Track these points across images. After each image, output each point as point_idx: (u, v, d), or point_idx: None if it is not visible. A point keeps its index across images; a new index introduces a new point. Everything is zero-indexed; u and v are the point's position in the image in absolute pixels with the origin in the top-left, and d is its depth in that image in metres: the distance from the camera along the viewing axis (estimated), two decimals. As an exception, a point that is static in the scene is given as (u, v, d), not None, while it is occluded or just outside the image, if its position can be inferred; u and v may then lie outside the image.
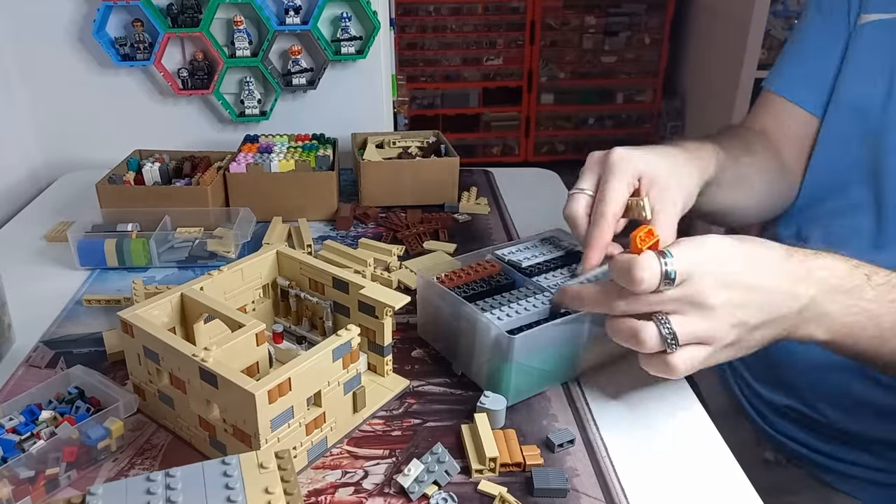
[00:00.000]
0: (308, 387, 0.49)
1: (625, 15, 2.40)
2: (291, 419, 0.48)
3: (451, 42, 2.41)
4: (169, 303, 0.56)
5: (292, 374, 0.47)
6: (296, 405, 0.48)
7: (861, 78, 0.73)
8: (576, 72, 2.46)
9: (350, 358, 0.52)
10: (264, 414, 0.46)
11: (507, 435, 0.53)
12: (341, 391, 0.52)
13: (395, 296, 0.56)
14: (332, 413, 0.52)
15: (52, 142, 1.09)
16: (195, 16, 1.00)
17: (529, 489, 0.48)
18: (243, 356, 0.52)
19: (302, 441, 0.50)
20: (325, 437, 0.52)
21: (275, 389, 0.46)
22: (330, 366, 0.50)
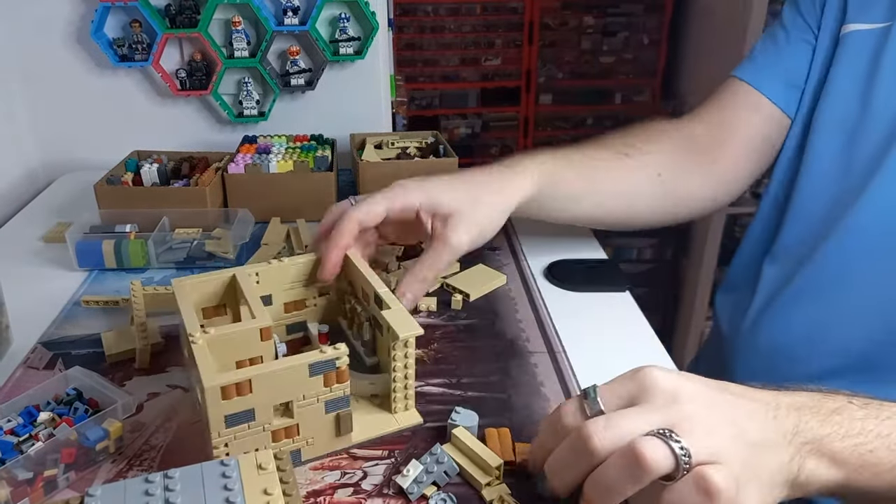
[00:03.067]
0: (275, 394, 0.47)
1: (623, 15, 2.40)
2: (252, 421, 0.47)
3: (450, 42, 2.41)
4: (221, 280, 0.57)
5: (254, 376, 0.46)
6: (258, 408, 0.47)
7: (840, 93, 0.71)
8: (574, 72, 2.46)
9: (336, 377, 0.49)
10: (216, 408, 0.45)
11: (501, 433, 0.52)
12: (321, 409, 0.50)
13: (411, 325, 0.52)
14: (309, 429, 0.50)
15: (50, 143, 1.09)
16: (193, 16, 1.00)
17: (532, 494, 0.48)
18: (244, 348, 0.51)
19: (266, 445, 0.48)
20: (299, 450, 0.50)
21: (231, 387, 0.45)
22: (306, 379, 0.48)
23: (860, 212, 0.67)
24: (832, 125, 0.71)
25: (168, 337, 0.65)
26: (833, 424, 0.43)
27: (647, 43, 2.44)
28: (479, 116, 2.52)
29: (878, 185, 0.66)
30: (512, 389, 0.59)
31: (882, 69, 0.67)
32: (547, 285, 0.76)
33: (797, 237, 0.74)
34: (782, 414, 0.43)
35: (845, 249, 0.68)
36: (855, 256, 0.68)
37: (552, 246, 0.83)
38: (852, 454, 0.43)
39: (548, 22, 2.40)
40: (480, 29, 2.41)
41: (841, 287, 0.69)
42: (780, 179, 0.78)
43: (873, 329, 0.67)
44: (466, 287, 0.73)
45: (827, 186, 0.71)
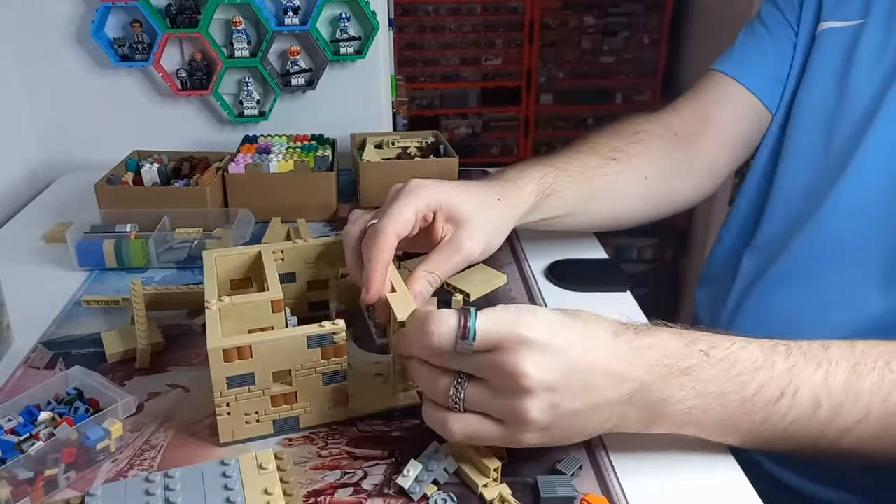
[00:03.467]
0: (274, 362, 0.50)
1: (623, 15, 2.40)
2: (253, 385, 0.50)
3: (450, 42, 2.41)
4: (248, 255, 0.61)
5: (254, 343, 0.49)
6: (258, 374, 0.50)
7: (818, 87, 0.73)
8: (574, 72, 2.46)
9: (333, 352, 0.52)
10: (219, 369, 0.49)
11: None
12: (319, 380, 0.52)
13: (410, 305, 0.53)
14: (307, 397, 0.53)
15: (50, 142, 1.09)
16: (194, 16, 1.00)
17: (535, 497, 0.48)
18: (256, 318, 0.55)
19: (266, 410, 0.52)
20: (297, 417, 0.53)
21: (232, 350, 0.49)
22: (304, 350, 0.51)
23: (834, 201, 0.68)
24: (810, 119, 0.73)
25: (168, 337, 0.65)
26: (675, 388, 0.47)
27: (647, 43, 2.44)
28: (479, 116, 2.53)
29: (851, 172, 0.67)
30: (512, 389, 0.59)
31: (856, 64, 0.70)
32: (547, 285, 0.76)
33: (775, 228, 0.75)
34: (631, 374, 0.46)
35: (819, 237, 0.69)
36: (828, 244, 0.69)
37: (553, 246, 0.83)
38: (682, 415, 0.48)
39: (548, 22, 2.40)
40: (481, 29, 2.41)
41: (815, 275, 0.70)
42: (759, 173, 0.80)
43: (848, 317, 0.67)
44: (467, 287, 0.73)
45: (804, 176, 0.73)
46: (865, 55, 0.69)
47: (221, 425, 0.51)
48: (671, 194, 0.81)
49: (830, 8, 0.74)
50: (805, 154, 0.73)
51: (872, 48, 0.69)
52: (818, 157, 0.72)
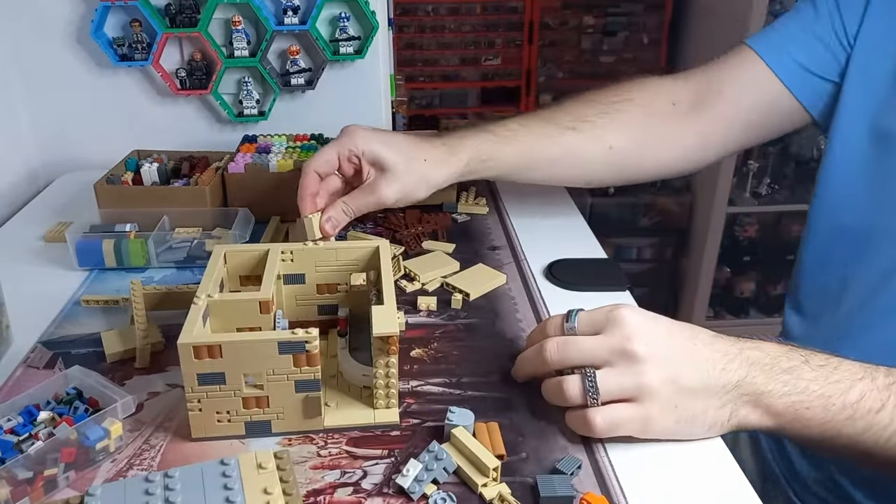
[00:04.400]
0: (245, 364, 0.50)
1: (623, 15, 2.40)
2: (224, 384, 0.50)
3: (450, 42, 2.41)
4: (257, 252, 0.62)
5: (224, 343, 0.49)
6: (229, 374, 0.50)
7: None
8: (574, 72, 2.46)
9: (306, 360, 0.51)
10: (189, 365, 0.49)
11: (490, 428, 0.53)
12: (291, 387, 0.52)
13: (390, 323, 0.53)
14: (279, 403, 0.52)
15: (50, 142, 1.09)
16: (193, 16, 1.00)
17: (535, 497, 0.48)
18: (244, 317, 0.55)
19: (238, 411, 0.52)
20: (269, 422, 0.53)
21: (202, 347, 0.49)
22: (275, 356, 0.50)
23: None
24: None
25: (168, 336, 0.65)
26: (778, 382, 0.49)
27: (647, 43, 2.44)
28: (479, 116, 2.52)
29: None
30: (512, 389, 0.59)
31: None
32: (547, 285, 0.76)
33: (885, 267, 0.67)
34: (733, 367, 0.50)
35: None
36: None
37: (552, 245, 0.83)
38: (787, 409, 0.49)
39: (548, 21, 2.40)
40: (480, 28, 2.41)
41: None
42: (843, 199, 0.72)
43: None
44: (466, 286, 0.73)
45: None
46: None
47: (193, 420, 0.52)
48: (643, 163, 0.82)
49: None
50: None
51: None
52: None
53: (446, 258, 0.79)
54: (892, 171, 0.67)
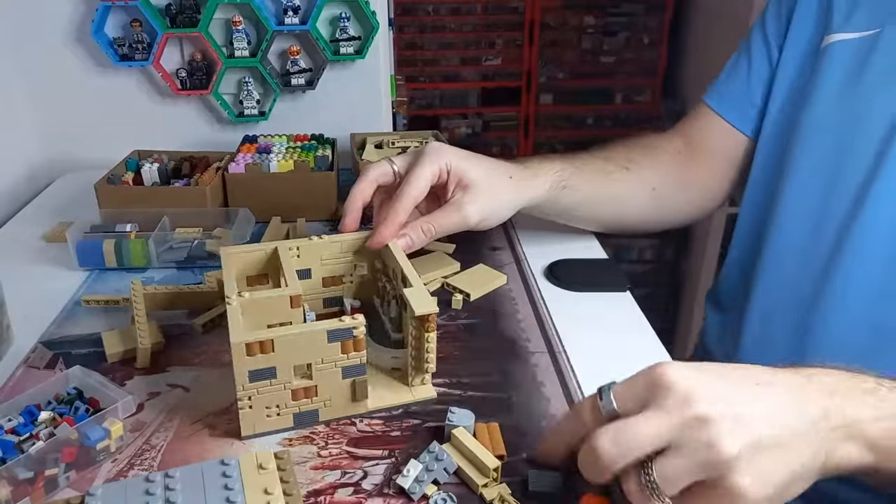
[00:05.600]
0: (295, 356, 0.51)
1: (624, 15, 2.40)
2: (274, 379, 0.51)
3: (450, 42, 2.41)
4: (264, 252, 0.62)
5: (275, 337, 0.50)
6: (280, 368, 0.51)
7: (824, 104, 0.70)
8: (575, 72, 2.46)
9: (353, 346, 0.52)
10: (241, 363, 0.49)
11: (491, 428, 0.53)
12: (338, 374, 0.53)
13: (427, 302, 0.54)
14: (327, 391, 0.53)
15: (50, 142, 1.09)
16: (194, 16, 1.00)
17: (524, 490, 0.48)
18: (275, 313, 0.55)
19: (287, 403, 0.52)
20: (317, 410, 0.54)
21: (255, 344, 0.49)
22: (324, 345, 0.51)
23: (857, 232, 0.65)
24: (818, 134, 0.70)
25: (168, 337, 0.65)
26: (867, 407, 0.42)
27: (647, 43, 2.44)
28: (479, 116, 2.52)
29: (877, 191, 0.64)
30: (512, 389, 0.59)
31: (870, 75, 0.67)
32: (547, 285, 0.76)
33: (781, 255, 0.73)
34: (812, 398, 0.42)
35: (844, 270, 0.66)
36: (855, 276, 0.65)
37: (553, 246, 0.83)
38: (884, 436, 0.42)
39: (548, 22, 2.40)
40: (481, 29, 2.41)
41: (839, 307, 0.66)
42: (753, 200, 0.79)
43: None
44: (467, 287, 0.73)
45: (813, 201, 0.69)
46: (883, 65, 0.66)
47: (243, 419, 0.52)
48: (676, 207, 0.84)
49: (841, 20, 0.70)
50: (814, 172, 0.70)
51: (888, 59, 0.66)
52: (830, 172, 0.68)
53: (447, 258, 0.79)
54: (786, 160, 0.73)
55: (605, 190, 0.78)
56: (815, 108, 0.71)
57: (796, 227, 0.71)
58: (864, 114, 0.67)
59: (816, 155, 0.70)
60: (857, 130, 0.67)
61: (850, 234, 0.65)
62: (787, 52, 0.76)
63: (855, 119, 0.67)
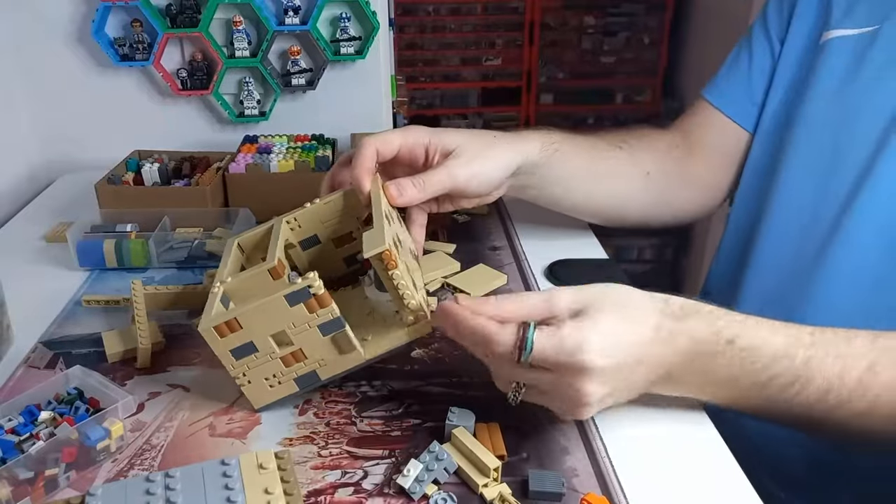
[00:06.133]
0: (265, 327, 0.51)
1: (624, 15, 2.40)
2: (257, 352, 0.52)
3: (451, 42, 2.41)
4: (265, 230, 0.63)
5: (238, 314, 0.51)
6: (257, 340, 0.52)
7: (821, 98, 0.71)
8: (575, 72, 2.46)
9: (316, 303, 0.52)
10: (217, 345, 0.51)
11: (491, 428, 0.53)
12: (317, 333, 0.53)
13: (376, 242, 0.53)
14: (314, 352, 0.53)
15: (51, 142, 1.09)
16: (194, 16, 1.00)
17: (525, 491, 0.48)
18: (260, 289, 0.54)
19: (282, 371, 0.53)
20: (315, 371, 0.54)
21: (222, 326, 0.50)
22: (288, 309, 0.51)
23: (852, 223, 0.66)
24: (816, 130, 0.71)
25: (168, 336, 0.65)
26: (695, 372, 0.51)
27: (647, 43, 2.43)
28: (479, 116, 2.52)
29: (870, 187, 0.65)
30: (512, 389, 0.59)
31: (868, 70, 0.67)
32: (548, 285, 0.76)
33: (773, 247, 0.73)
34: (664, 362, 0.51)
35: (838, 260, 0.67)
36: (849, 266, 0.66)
37: (553, 246, 0.83)
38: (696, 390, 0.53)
39: (548, 22, 2.40)
40: (481, 29, 2.41)
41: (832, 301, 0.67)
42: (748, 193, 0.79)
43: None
44: (467, 287, 0.73)
45: (808, 194, 0.70)
46: (880, 61, 0.67)
47: (248, 394, 0.54)
48: (676, 204, 0.83)
49: (840, 15, 0.71)
50: (810, 166, 0.70)
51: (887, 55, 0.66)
52: (826, 166, 0.69)
53: (447, 258, 0.79)
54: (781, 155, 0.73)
55: (597, 165, 0.77)
56: (812, 104, 0.71)
57: (790, 218, 0.72)
58: (862, 109, 0.67)
59: (813, 149, 0.70)
60: (854, 125, 0.67)
61: (844, 225, 0.66)
62: (787, 46, 0.76)
63: (852, 114, 0.68)
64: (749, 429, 0.65)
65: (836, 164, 0.68)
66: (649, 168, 0.79)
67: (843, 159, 0.67)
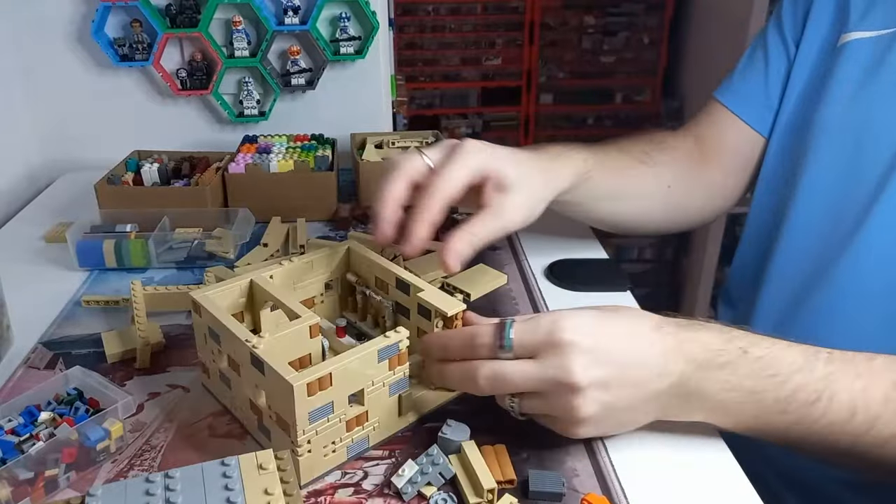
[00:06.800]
0: (350, 384, 0.49)
1: (624, 15, 2.40)
2: (331, 414, 0.48)
3: (451, 42, 2.41)
4: (238, 287, 0.57)
5: (334, 370, 0.47)
6: (336, 401, 0.48)
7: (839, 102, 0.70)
8: (575, 72, 2.46)
9: (398, 360, 0.51)
10: (302, 405, 0.46)
11: (498, 451, 0.51)
12: (386, 392, 0.51)
13: (452, 302, 0.54)
14: (375, 413, 0.51)
15: (50, 142, 1.09)
16: (194, 16, 1.00)
17: (525, 492, 0.48)
18: (296, 347, 0.52)
19: (342, 437, 0.50)
20: (367, 437, 0.52)
21: (315, 383, 0.46)
22: (375, 365, 0.50)
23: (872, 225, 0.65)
24: (836, 133, 0.70)
25: (168, 337, 0.65)
26: (712, 381, 0.49)
27: (647, 42, 2.43)
28: (479, 116, 2.52)
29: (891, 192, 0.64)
30: (512, 389, 0.59)
31: (887, 74, 0.66)
32: (548, 285, 0.76)
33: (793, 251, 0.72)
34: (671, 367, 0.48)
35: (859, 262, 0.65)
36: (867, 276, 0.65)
37: (553, 246, 0.83)
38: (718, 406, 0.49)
39: (548, 21, 2.40)
40: (481, 28, 2.41)
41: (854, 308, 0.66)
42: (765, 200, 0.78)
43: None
44: (467, 287, 0.73)
45: (828, 200, 0.69)
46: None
47: (303, 466, 0.48)
48: (689, 207, 0.82)
49: (857, 18, 0.70)
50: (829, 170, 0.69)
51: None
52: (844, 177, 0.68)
53: (447, 258, 0.79)
54: (799, 160, 0.72)
55: (623, 187, 0.75)
56: (830, 108, 0.70)
57: (810, 223, 0.70)
58: (881, 112, 0.66)
59: (832, 153, 0.69)
60: (872, 129, 0.66)
61: (865, 229, 0.65)
62: (803, 49, 0.75)
63: (871, 118, 0.67)
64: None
65: (856, 170, 0.67)
66: (670, 182, 0.79)
67: (863, 165, 0.66)
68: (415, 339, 0.56)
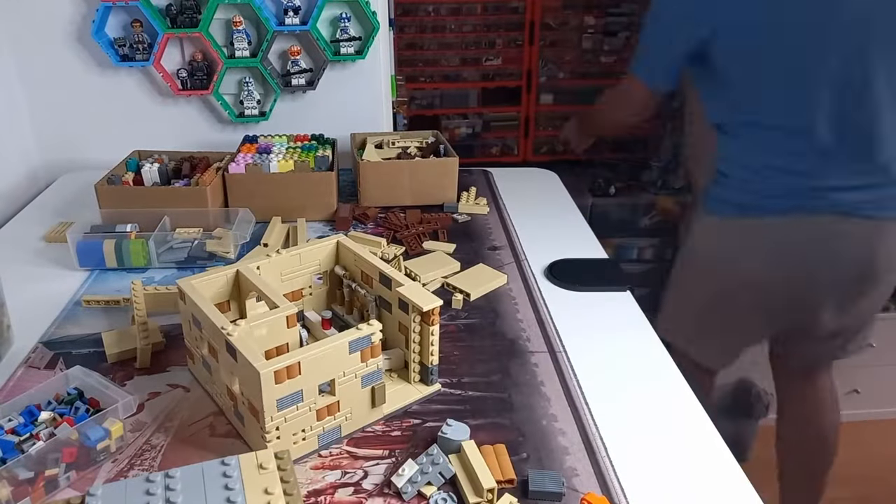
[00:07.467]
0: (320, 374, 0.50)
1: (624, 15, 2.40)
2: (301, 402, 0.49)
3: (451, 42, 2.41)
4: (225, 277, 0.59)
5: (302, 359, 0.48)
6: (306, 389, 0.49)
7: None
8: (575, 72, 2.46)
9: (370, 352, 0.52)
10: (270, 392, 0.47)
11: (498, 450, 0.51)
12: (358, 384, 0.52)
13: (429, 298, 0.55)
14: (348, 403, 0.52)
15: (51, 142, 1.09)
16: (194, 16, 1.00)
17: (525, 491, 0.48)
18: (273, 336, 0.53)
19: (312, 425, 0.51)
20: (339, 426, 0.52)
21: (282, 371, 0.47)
22: (346, 357, 0.50)
23: None
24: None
25: (169, 336, 0.65)
26: None
27: (647, 43, 2.43)
28: (479, 116, 2.52)
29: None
30: (512, 389, 0.59)
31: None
32: (548, 285, 0.76)
33: None
34: None
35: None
36: None
37: (553, 245, 0.83)
38: None
39: (549, 22, 2.40)
40: (481, 29, 2.41)
41: None
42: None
43: None
44: (467, 286, 0.73)
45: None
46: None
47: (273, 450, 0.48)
48: None
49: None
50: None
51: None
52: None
53: (447, 258, 0.79)
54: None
55: None
56: None
57: None
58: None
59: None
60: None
61: None
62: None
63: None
64: None
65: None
66: None
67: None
68: (396, 332, 0.58)
